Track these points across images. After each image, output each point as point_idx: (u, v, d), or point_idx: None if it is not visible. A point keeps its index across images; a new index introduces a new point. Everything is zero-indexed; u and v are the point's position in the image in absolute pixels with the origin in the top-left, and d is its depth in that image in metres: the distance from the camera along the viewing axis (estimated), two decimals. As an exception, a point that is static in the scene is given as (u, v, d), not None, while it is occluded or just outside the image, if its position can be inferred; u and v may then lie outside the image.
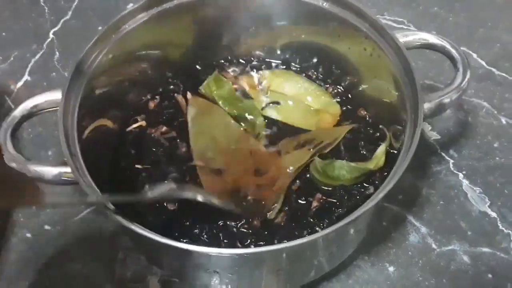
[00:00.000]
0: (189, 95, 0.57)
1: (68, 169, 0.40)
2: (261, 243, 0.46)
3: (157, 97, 0.57)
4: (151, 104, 0.57)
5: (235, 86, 0.58)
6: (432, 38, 0.48)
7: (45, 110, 0.45)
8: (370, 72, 0.52)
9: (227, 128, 0.55)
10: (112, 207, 0.39)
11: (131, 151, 0.53)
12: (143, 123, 0.55)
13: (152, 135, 0.54)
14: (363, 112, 0.55)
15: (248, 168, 0.51)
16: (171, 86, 0.58)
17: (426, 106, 0.43)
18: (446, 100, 0.45)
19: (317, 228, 0.46)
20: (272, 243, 0.41)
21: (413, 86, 0.44)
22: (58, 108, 0.43)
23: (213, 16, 0.55)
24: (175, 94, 0.57)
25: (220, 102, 0.56)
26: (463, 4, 0.73)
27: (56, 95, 0.44)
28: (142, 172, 0.51)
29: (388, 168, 0.48)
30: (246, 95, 0.58)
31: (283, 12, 0.55)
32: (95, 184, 0.40)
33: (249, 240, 0.46)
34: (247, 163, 0.52)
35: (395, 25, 0.71)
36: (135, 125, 0.55)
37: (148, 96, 0.57)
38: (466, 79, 0.46)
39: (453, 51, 0.47)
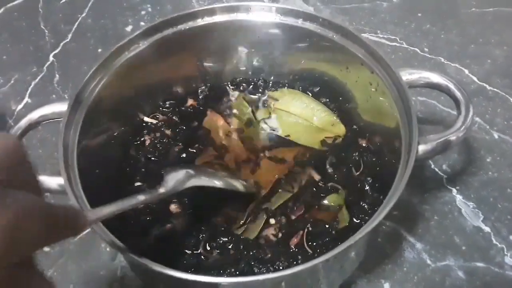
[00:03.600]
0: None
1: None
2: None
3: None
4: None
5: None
6: (437, 78, 0.47)
7: (51, 120, 0.47)
8: (373, 106, 0.52)
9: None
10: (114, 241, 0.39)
11: (131, 168, 0.54)
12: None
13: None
14: (363, 142, 0.55)
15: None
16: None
17: (421, 148, 0.43)
18: (443, 143, 0.43)
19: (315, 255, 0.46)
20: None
21: (410, 127, 0.43)
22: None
23: (217, 43, 0.57)
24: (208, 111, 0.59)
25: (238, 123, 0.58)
26: (454, 21, 0.75)
27: (62, 107, 0.46)
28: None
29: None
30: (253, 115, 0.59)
31: (292, 40, 0.56)
32: (92, 198, 0.41)
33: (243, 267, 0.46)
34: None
35: (388, 42, 0.72)
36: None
37: (145, 118, 0.58)
38: (467, 122, 0.44)
39: (458, 93, 0.46)
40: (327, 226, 0.48)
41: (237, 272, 0.45)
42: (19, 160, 0.24)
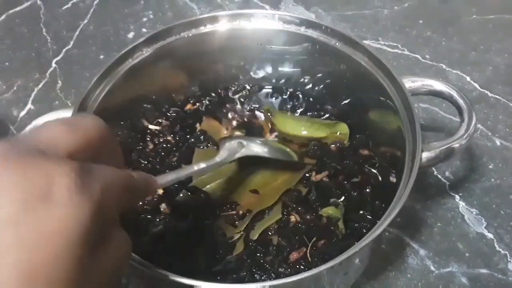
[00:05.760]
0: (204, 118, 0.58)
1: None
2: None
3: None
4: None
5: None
6: (439, 86, 0.48)
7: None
8: (376, 114, 0.52)
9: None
10: None
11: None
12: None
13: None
14: (365, 150, 0.55)
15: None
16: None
17: (425, 155, 0.43)
18: (446, 151, 0.44)
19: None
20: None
21: (413, 135, 0.44)
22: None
23: (219, 50, 0.57)
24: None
25: None
26: (455, 28, 0.75)
27: (67, 114, 0.46)
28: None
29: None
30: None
31: (294, 47, 0.56)
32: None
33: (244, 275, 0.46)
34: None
35: (389, 50, 0.72)
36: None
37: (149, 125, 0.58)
38: (470, 130, 0.45)
39: (460, 100, 0.46)
40: (330, 233, 0.48)
41: (239, 279, 0.45)
42: (107, 139, 0.29)
